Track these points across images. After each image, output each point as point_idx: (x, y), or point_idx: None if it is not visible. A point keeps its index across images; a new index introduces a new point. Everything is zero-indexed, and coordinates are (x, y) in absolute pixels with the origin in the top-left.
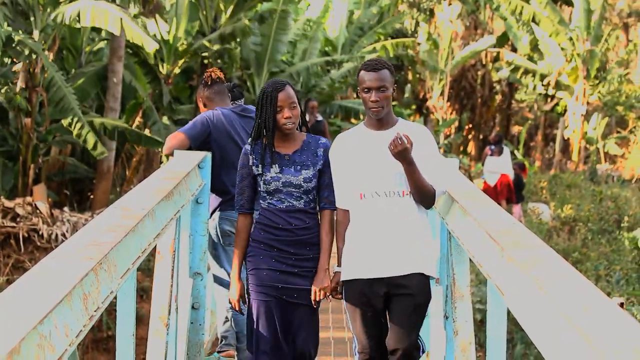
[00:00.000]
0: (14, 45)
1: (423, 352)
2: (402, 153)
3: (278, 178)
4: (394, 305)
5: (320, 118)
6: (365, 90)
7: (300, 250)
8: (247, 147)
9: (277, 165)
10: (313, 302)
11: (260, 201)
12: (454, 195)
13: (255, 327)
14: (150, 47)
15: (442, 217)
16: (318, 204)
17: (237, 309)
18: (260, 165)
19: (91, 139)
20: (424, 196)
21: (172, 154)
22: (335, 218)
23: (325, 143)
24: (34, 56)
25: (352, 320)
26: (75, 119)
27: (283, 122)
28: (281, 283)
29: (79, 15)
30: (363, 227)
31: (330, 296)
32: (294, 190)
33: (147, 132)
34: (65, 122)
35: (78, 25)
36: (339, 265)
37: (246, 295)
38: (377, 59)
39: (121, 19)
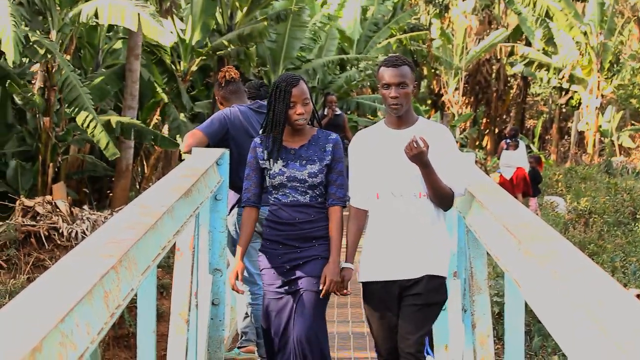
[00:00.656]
0: (30, 44)
1: (428, 353)
2: (417, 156)
3: (282, 172)
4: (402, 305)
5: (339, 112)
6: (385, 86)
7: (305, 244)
8: (257, 140)
9: (282, 159)
10: (323, 291)
11: (268, 196)
12: (471, 189)
13: (268, 324)
14: (167, 41)
15: (460, 211)
16: (326, 200)
17: (232, 283)
18: (266, 159)
19: (104, 139)
20: (442, 198)
21: (190, 152)
22: (347, 214)
23: (335, 139)
24: (49, 56)
25: (370, 322)
26: (89, 119)
27: (295, 118)
28: (288, 277)
29: (96, 14)
30: (379, 228)
31: (337, 292)
32: (298, 185)
33: (166, 128)
34: (79, 121)
35: (93, 23)
36: (347, 261)
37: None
38: (397, 56)
39: (139, 14)
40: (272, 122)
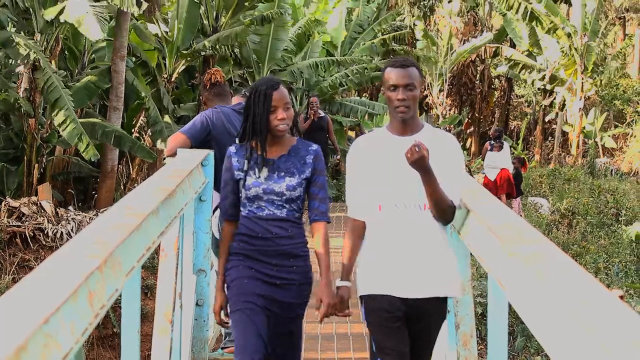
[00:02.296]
0: (13, 46)
1: None
2: (418, 162)
3: (259, 184)
4: (411, 333)
5: (322, 114)
6: (392, 88)
7: (282, 261)
8: (231, 149)
9: (259, 170)
10: (320, 318)
11: (241, 208)
12: None
13: (238, 340)
14: (95, 36)
15: None
16: (308, 216)
17: (218, 321)
18: (242, 170)
19: (84, 141)
20: (442, 210)
21: (173, 155)
22: (341, 228)
23: (316, 150)
24: (32, 56)
25: (376, 339)
26: (69, 120)
27: (276, 123)
28: (262, 292)
29: (62, 12)
30: (382, 241)
31: (337, 313)
32: (275, 198)
33: (149, 131)
34: (57, 122)
35: (48, 17)
36: (344, 279)
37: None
38: (405, 57)
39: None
40: (252, 128)
